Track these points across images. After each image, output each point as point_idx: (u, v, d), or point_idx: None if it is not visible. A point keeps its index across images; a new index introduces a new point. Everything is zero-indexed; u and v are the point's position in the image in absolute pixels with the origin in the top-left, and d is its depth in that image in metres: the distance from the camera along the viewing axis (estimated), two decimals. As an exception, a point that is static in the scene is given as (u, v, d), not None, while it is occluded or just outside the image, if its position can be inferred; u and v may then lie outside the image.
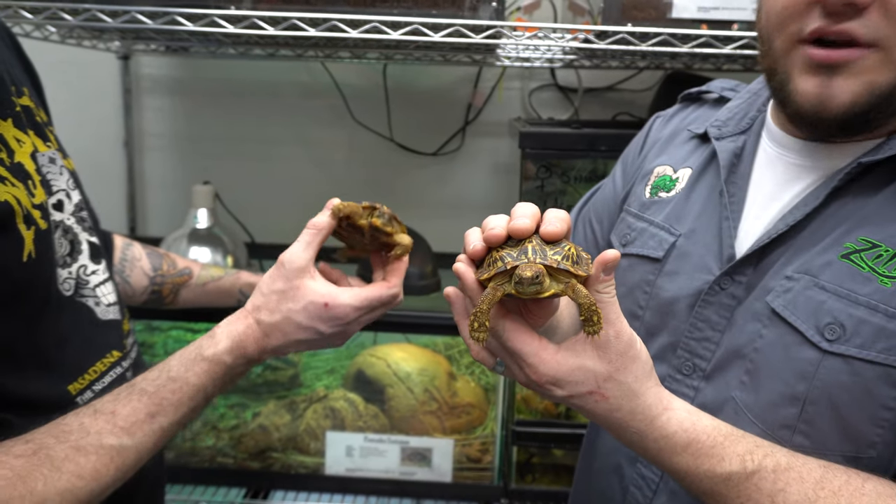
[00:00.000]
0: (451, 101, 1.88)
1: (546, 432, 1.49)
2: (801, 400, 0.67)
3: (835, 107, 0.67)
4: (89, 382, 0.81)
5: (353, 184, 1.94)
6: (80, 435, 0.67)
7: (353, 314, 0.81)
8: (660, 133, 0.96)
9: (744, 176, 0.80)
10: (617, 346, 0.63)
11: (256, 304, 0.81)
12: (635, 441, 0.66)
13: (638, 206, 0.90)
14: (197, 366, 0.77)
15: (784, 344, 0.69)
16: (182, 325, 1.57)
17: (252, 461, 1.55)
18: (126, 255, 1.14)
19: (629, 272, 0.87)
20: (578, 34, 1.29)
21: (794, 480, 0.62)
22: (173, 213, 1.88)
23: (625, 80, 1.85)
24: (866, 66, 0.65)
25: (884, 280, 0.65)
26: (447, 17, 1.23)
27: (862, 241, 0.68)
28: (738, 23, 1.24)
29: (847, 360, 0.65)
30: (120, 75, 1.87)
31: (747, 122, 0.84)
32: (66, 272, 0.81)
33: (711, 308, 0.76)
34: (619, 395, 0.64)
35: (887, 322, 0.64)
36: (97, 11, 1.20)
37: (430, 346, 1.60)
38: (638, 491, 0.82)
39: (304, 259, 0.80)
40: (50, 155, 0.82)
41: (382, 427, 1.52)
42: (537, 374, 0.64)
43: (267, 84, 1.88)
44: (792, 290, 0.69)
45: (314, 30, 1.21)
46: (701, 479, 0.64)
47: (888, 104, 0.66)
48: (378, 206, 0.84)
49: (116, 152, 1.91)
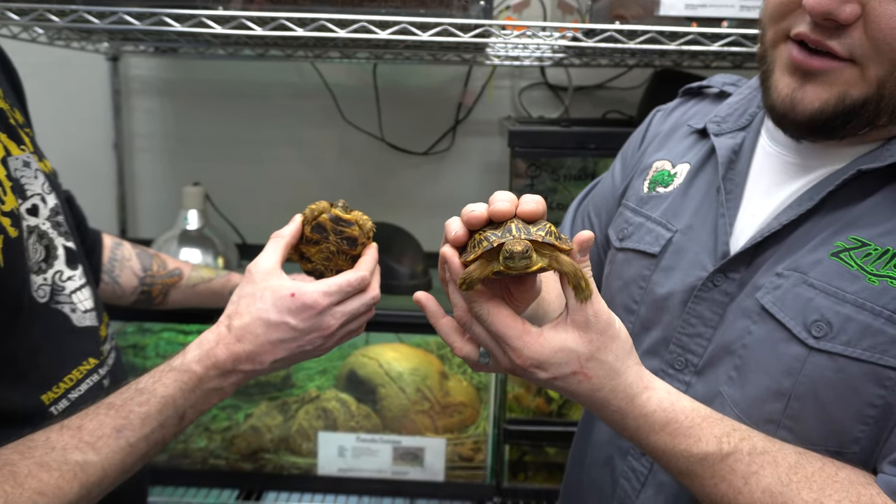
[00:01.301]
0: (441, 101, 1.88)
1: (538, 430, 1.49)
2: (786, 395, 0.68)
3: (801, 111, 0.69)
4: (64, 391, 0.80)
5: (343, 184, 1.94)
6: (45, 451, 0.65)
7: (324, 300, 0.77)
8: (660, 127, 0.97)
9: (741, 173, 0.81)
10: (597, 326, 0.64)
11: (228, 313, 0.78)
12: (616, 419, 0.67)
13: (636, 201, 0.90)
14: (165, 376, 0.74)
15: (772, 340, 0.70)
16: (174, 327, 1.56)
17: (244, 462, 1.55)
18: (116, 255, 1.13)
19: (626, 266, 0.87)
20: (567, 32, 1.29)
21: (769, 464, 0.63)
22: (164, 214, 1.88)
23: (614, 79, 1.85)
24: (841, 78, 0.67)
25: (871, 278, 0.66)
26: (435, 16, 1.22)
27: (852, 240, 0.68)
28: (727, 20, 1.24)
29: (833, 357, 0.66)
30: (109, 77, 1.86)
31: (747, 119, 0.84)
32: (40, 278, 0.79)
33: (704, 304, 0.77)
34: (602, 374, 0.65)
35: (873, 320, 0.64)
36: (84, 12, 1.20)
37: (422, 346, 1.60)
38: (627, 483, 0.83)
39: (271, 262, 0.79)
40: (24, 158, 0.80)
41: (375, 427, 1.52)
42: (521, 358, 0.64)
43: (257, 85, 1.88)
44: (781, 287, 0.70)
45: (302, 30, 1.21)
46: (677, 459, 0.65)
47: (855, 115, 0.67)
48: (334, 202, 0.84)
49: (106, 154, 1.90)
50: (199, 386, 0.74)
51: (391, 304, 1.34)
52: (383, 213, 1.68)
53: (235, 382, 0.77)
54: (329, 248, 0.84)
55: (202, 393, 0.75)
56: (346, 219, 0.82)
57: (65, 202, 0.90)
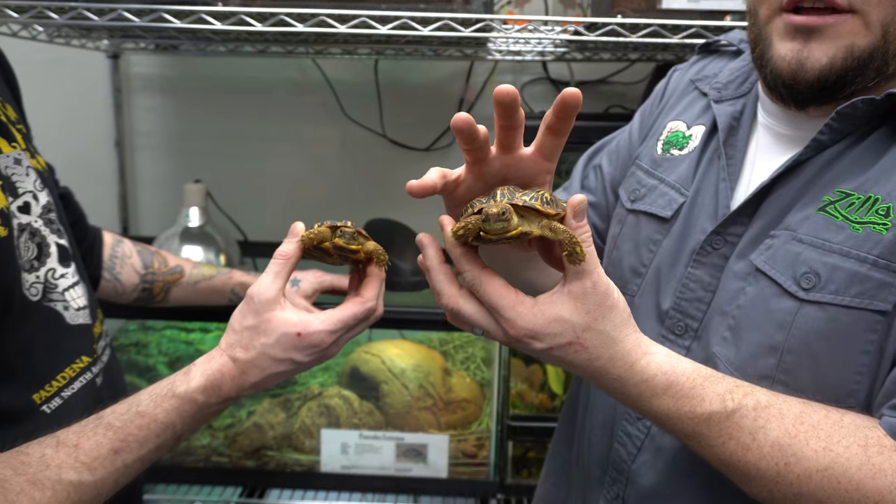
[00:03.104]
0: (443, 96, 1.88)
1: (541, 427, 1.48)
2: (779, 350, 0.68)
3: (810, 69, 0.69)
4: (57, 389, 0.79)
5: (345, 180, 1.93)
6: (39, 468, 0.65)
7: (329, 339, 0.77)
8: (677, 85, 0.96)
9: (742, 139, 0.81)
10: (594, 297, 0.62)
11: (230, 342, 0.77)
12: (616, 387, 0.66)
13: (649, 163, 0.89)
14: (167, 402, 0.73)
15: (763, 297, 0.70)
16: (176, 325, 1.56)
17: (247, 460, 1.55)
18: (116, 253, 1.13)
19: (636, 229, 0.87)
20: (569, 26, 1.28)
21: (774, 417, 0.63)
22: (165, 211, 1.87)
23: (616, 73, 1.84)
24: (845, 29, 0.67)
25: (855, 227, 0.66)
26: (436, 11, 1.22)
27: (837, 192, 0.69)
28: (730, 13, 1.24)
29: (823, 306, 0.66)
30: (110, 74, 1.86)
31: (748, 86, 0.84)
32: (32, 276, 0.79)
33: (703, 269, 0.77)
34: (598, 343, 0.64)
35: (859, 266, 0.65)
36: (83, 9, 1.20)
37: (425, 342, 1.60)
38: (622, 448, 0.83)
39: (274, 290, 0.76)
40: (15, 156, 0.80)
41: (377, 424, 1.52)
42: (515, 329, 0.63)
43: (258, 81, 1.87)
44: (773, 246, 0.71)
45: (302, 25, 1.21)
46: (682, 421, 0.65)
47: (865, 67, 0.68)
48: (340, 224, 0.81)
49: (107, 152, 1.90)
50: (199, 412, 0.75)
51: (394, 301, 1.34)
52: (385, 210, 1.68)
53: (233, 403, 0.78)
54: (333, 260, 0.84)
55: (202, 417, 0.76)
56: (349, 248, 0.80)
57: (58, 199, 0.89)
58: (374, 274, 0.83)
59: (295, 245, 0.79)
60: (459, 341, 1.59)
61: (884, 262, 0.64)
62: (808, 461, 0.61)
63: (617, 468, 0.84)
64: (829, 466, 0.60)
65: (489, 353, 1.56)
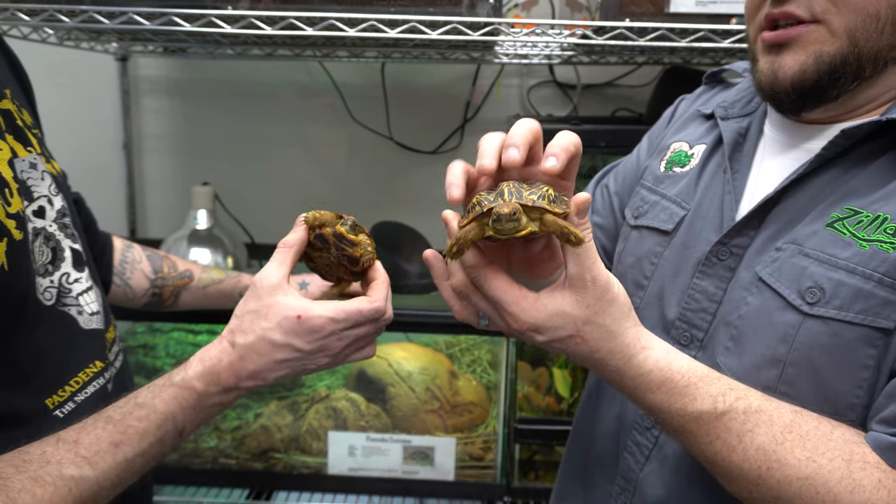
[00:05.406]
0: (449, 99, 1.88)
1: (548, 430, 1.48)
2: (781, 362, 0.69)
3: (783, 77, 0.73)
4: (70, 394, 0.79)
5: (352, 183, 1.94)
6: (40, 465, 0.64)
7: (330, 325, 0.74)
8: (685, 112, 0.99)
9: (748, 154, 0.83)
10: (594, 291, 0.64)
11: (231, 328, 0.75)
12: (614, 378, 0.69)
13: (652, 180, 0.92)
14: (165, 391, 0.71)
15: (767, 309, 0.71)
16: (184, 327, 1.57)
17: (254, 462, 1.55)
18: (126, 258, 1.13)
19: (639, 243, 0.89)
20: (576, 30, 1.28)
21: (764, 423, 0.64)
22: (173, 214, 1.88)
23: (623, 76, 1.85)
24: (811, 38, 0.71)
25: (862, 244, 0.67)
26: (444, 15, 1.22)
27: (846, 209, 0.70)
28: (736, 16, 1.24)
29: (826, 321, 0.67)
30: (118, 77, 1.87)
31: (754, 105, 0.86)
32: (47, 280, 0.79)
33: (708, 280, 0.79)
34: (598, 336, 0.66)
35: (864, 283, 0.66)
36: (94, 13, 1.20)
37: (432, 345, 1.60)
38: (631, 457, 0.84)
39: (277, 276, 0.75)
40: (31, 160, 0.80)
41: (384, 426, 1.52)
42: (518, 322, 0.66)
43: (265, 84, 1.88)
44: (778, 259, 0.72)
45: (311, 29, 1.21)
46: (673, 417, 0.67)
47: (840, 72, 0.71)
48: (344, 216, 0.80)
49: (116, 154, 1.91)
50: (199, 402, 0.73)
51: (400, 304, 1.33)
52: (392, 212, 1.68)
53: (236, 396, 0.75)
54: (330, 258, 0.82)
55: (202, 409, 0.74)
56: (348, 238, 0.79)
57: (72, 204, 0.89)
58: (378, 278, 0.82)
59: (299, 234, 0.79)
60: (466, 344, 1.59)
61: (889, 281, 0.65)
62: (790, 468, 0.62)
63: (625, 477, 0.85)
64: (811, 476, 0.62)
65: (496, 356, 1.57)
